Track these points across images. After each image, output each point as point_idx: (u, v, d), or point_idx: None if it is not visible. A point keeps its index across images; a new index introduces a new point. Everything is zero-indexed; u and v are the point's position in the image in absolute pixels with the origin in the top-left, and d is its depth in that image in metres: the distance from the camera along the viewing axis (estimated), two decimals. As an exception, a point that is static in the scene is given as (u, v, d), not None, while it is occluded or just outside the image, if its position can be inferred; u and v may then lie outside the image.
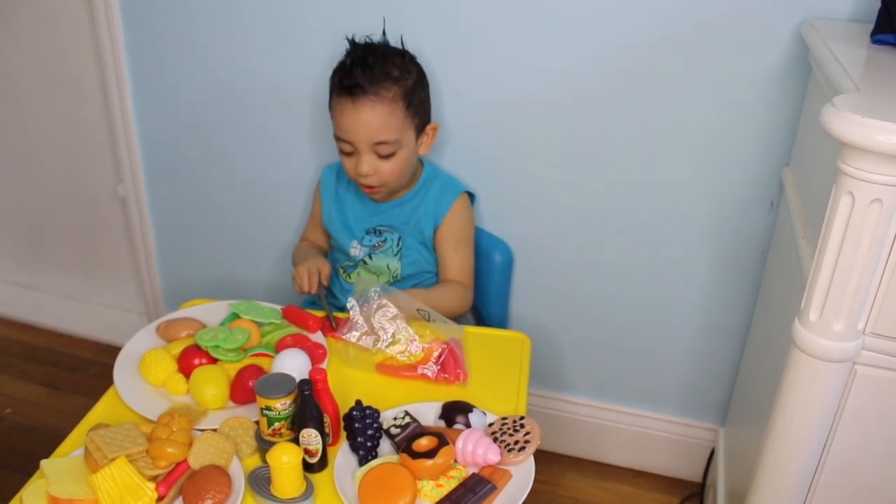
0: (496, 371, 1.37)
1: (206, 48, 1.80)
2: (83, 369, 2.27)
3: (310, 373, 1.17)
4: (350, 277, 1.66)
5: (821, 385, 1.03)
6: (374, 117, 1.45)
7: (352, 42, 1.51)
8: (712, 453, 1.84)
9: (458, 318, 1.51)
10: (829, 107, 0.91)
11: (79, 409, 2.11)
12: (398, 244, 1.60)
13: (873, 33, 1.23)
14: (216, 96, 1.85)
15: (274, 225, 1.95)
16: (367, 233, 1.62)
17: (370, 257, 1.62)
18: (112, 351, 2.32)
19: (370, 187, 1.54)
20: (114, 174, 2.13)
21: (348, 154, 1.51)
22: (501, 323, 1.77)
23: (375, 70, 1.44)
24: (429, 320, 1.37)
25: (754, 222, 1.62)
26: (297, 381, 1.15)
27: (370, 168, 1.49)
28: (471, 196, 1.66)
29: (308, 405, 1.12)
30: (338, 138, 1.51)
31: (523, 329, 1.76)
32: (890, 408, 1.05)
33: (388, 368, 1.34)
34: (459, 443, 1.13)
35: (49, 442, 1.99)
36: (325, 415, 1.14)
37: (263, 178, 1.91)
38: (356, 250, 1.63)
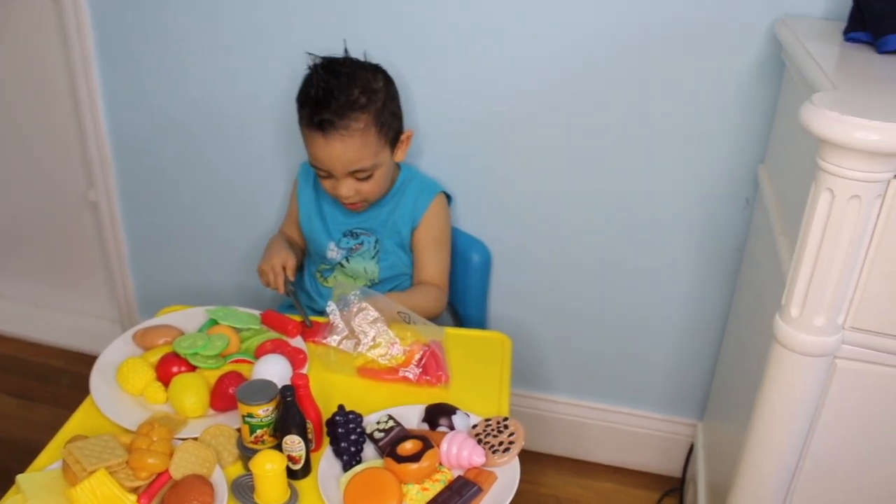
0: (477, 372, 1.36)
1: (177, 51, 1.78)
2: (54, 379, 2.23)
3: (291, 378, 1.16)
4: (327, 281, 1.65)
5: (802, 379, 1.04)
6: (347, 150, 1.43)
7: (314, 68, 1.47)
8: (691, 448, 1.86)
9: (434, 320, 1.51)
10: (808, 104, 0.91)
11: (51, 419, 2.07)
12: (375, 247, 1.59)
13: (846, 31, 1.24)
14: (188, 98, 1.82)
15: (250, 228, 1.93)
16: (345, 235, 1.61)
17: (347, 260, 1.60)
18: (84, 359, 2.29)
19: (352, 203, 1.53)
20: (85, 179, 2.09)
21: (324, 177, 1.50)
22: (480, 323, 1.77)
23: (341, 101, 1.41)
24: (409, 322, 1.36)
25: (730, 219, 1.63)
26: (279, 387, 1.14)
27: (349, 190, 1.49)
28: (448, 197, 1.65)
29: (291, 411, 1.11)
30: (312, 165, 1.50)
31: (502, 329, 1.76)
32: (869, 400, 1.06)
33: (370, 372, 1.33)
34: (444, 445, 1.12)
35: (21, 455, 1.95)
36: (307, 421, 1.13)
37: (238, 180, 1.89)
38: (333, 253, 1.62)
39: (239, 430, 1.18)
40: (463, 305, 1.75)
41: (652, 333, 1.79)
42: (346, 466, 1.13)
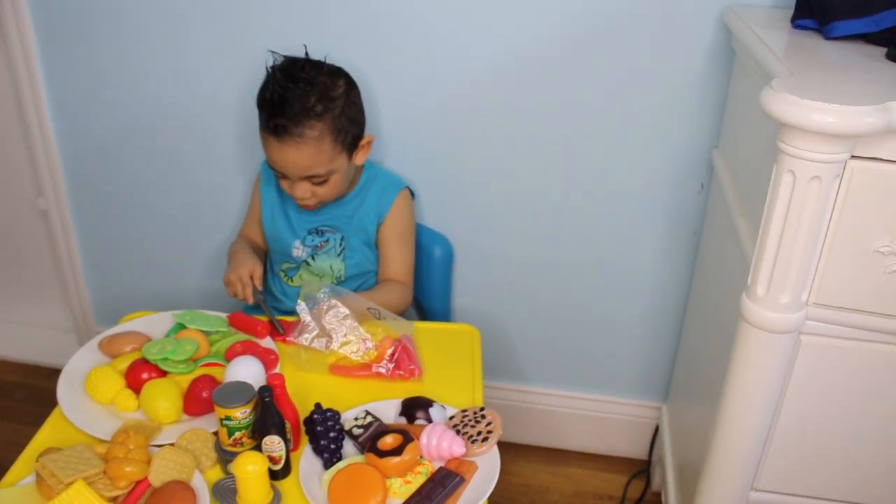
0: (449, 364, 1.38)
1: (129, 47, 1.73)
2: (8, 393, 2.17)
3: (267, 379, 1.16)
4: (292, 281, 1.64)
5: (770, 356, 1.07)
6: (301, 157, 1.43)
7: (272, 70, 1.45)
8: (657, 430, 1.90)
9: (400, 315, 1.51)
10: (768, 90, 0.95)
11: (8, 434, 2.02)
12: (341, 244, 1.59)
13: (793, 18, 1.28)
14: (142, 98, 1.78)
15: (209, 230, 1.90)
16: (310, 233, 1.60)
17: (313, 258, 1.60)
18: (39, 372, 2.23)
19: (306, 204, 1.53)
20: (33, 187, 2.04)
21: (281, 178, 1.51)
22: (444, 316, 1.78)
23: (296, 108, 1.40)
24: (379, 318, 1.36)
25: (686, 204, 1.67)
26: (256, 388, 1.14)
27: (305, 192, 1.49)
28: (412, 194, 1.66)
29: (269, 412, 1.10)
30: (270, 166, 1.50)
31: (467, 321, 1.79)
32: (832, 374, 1.10)
33: (342, 369, 1.33)
34: (424, 438, 1.13)
35: (-20, 473, 1.91)
36: (285, 420, 1.13)
37: (196, 181, 1.86)
38: (299, 251, 1.61)
39: (216, 433, 1.17)
40: (427, 299, 1.76)
41: (615, 320, 1.82)
42: (327, 464, 1.13)
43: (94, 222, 1.98)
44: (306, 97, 1.41)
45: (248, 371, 1.22)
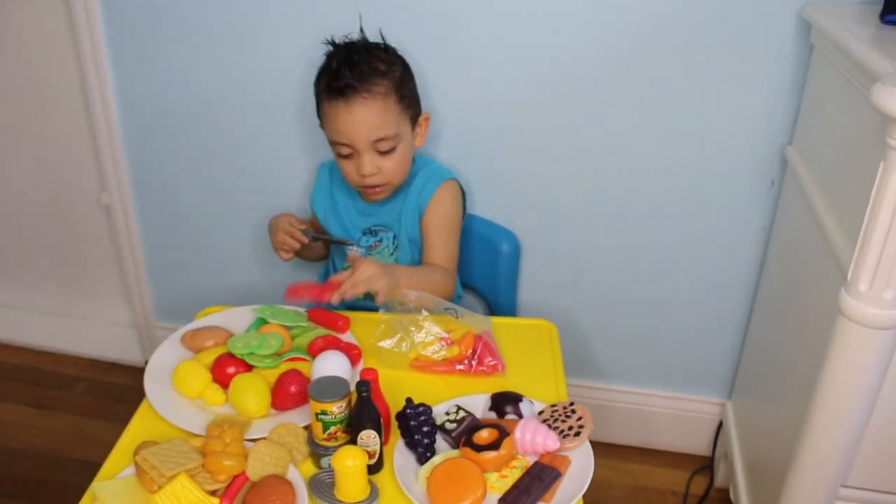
0: (529, 360, 1.38)
1: (193, 46, 1.75)
2: (69, 386, 2.19)
3: (362, 373, 1.16)
4: None
5: (870, 352, 1.07)
6: (371, 115, 1.42)
7: (332, 44, 1.49)
8: (719, 426, 1.90)
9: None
10: (880, 86, 0.94)
11: (70, 427, 2.05)
12: (394, 243, 1.59)
13: (883, 14, 1.27)
14: (205, 95, 1.80)
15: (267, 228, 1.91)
16: (364, 234, 1.61)
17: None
18: (99, 366, 2.26)
19: (373, 187, 1.51)
20: (97, 182, 2.06)
21: (347, 157, 1.48)
22: (511, 312, 1.78)
23: (362, 67, 1.42)
24: (458, 317, 1.36)
25: (755, 200, 1.66)
26: (350, 382, 1.15)
27: (372, 167, 1.47)
28: (462, 190, 1.64)
29: (366, 406, 1.11)
30: (334, 142, 1.48)
31: (527, 316, 1.80)
32: (930, 370, 1.10)
33: (424, 365, 1.34)
34: (517, 432, 1.13)
35: (44, 465, 1.94)
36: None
37: (254, 180, 1.88)
38: (353, 252, 1.61)
39: (307, 427, 1.18)
40: (493, 295, 1.76)
41: (678, 315, 1.82)
42: (422, 458, 1.13)
43: (157, 218, 2.00)
44: (370, 58, 1.44)
45: (336, 365, 1.22)
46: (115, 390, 2.17)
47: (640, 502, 1.84)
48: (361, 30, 1.52)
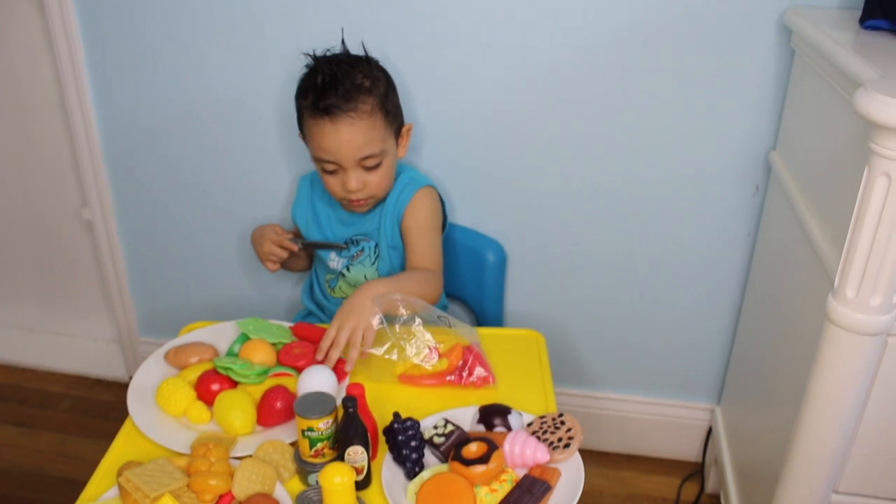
0: (517, 370, 1.37)
1: (172, 58, 1.74)
2: (53, 404, 2.16)
3: (348, 388, 1.15)
4: (335, 291, 1.63)
5: (857, 358, 1.06)
6: (357, 134, 1.41)
7: (315, 58, 1.47)
8: (709, 432, 1.89)
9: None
10: (862, 92, 0.94)
11: (54, 446, 2.02)
12: (375, 252, 1.58)
13: (862, 19, 1.27)
14: (185, 108, 1.78)
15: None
16: (345, 243, 1.60)
17: (348, 269, 1.59)
18: (83, 382, 2.23)
19: (357, 200, 1.51)
20: (78, 197, 2.04)
21: (331, 173, 1.47)
22: (497, 321, 1.77)
23: (347, 85, 1.41)
24: (450, 326, 1.35)
25: (740, 205, 1.66)
26: (335, 398, 1.13)
27: (358, 183, 1.46)
28: (441, 198, 1.62)
29: (353, 422, 1.09)
30: (319, 159, 1.47)
31: (517, 325, 1.79)
32: (917, 375, 1.10)
33: (412, 378, 1.32)
34: (506, 445, 1.13)
35: (30, 485, 1.91)
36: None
37: (237, 192, 1.86)
38: (335, 262, 1.60)
39: (293, 444, 1.17)
40: (479, 305, 1.75)
41: (665, 322, 1.82)
42: (410, 473, 1.12)
43: (140, 232, 1.98)
44: (354, 75, 1.42)
45: (321, 381, 1.21)
46: (99, 407, 2.14)
47: (631, 510, 1.84)
48: (343, 42, 1.51)
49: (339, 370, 1.31)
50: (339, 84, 1.40)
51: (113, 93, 1.81)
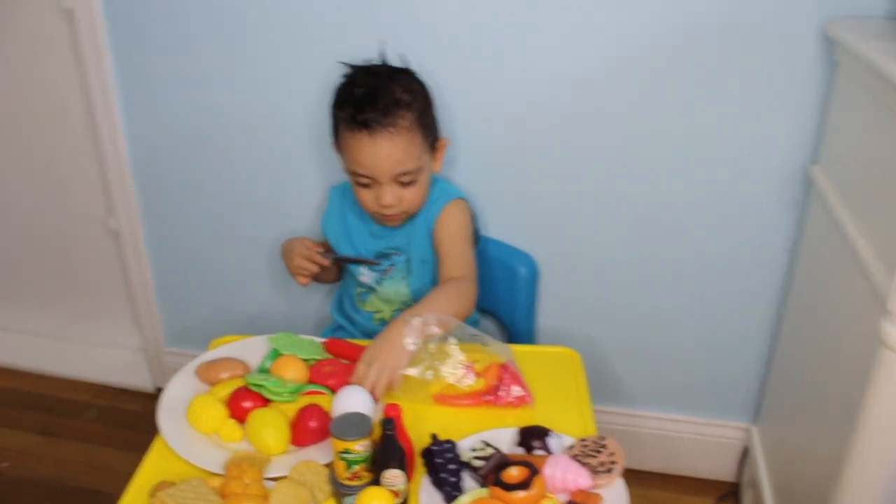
0: (553, 390, 1.33)
1: (200, 67, 1.73)
2: (78, 413, 2.16)
3: (386, 409, 1.12)
4: (365, 305, 1.61)
5: (913, 384, 1.03)
6: (395, 149, 1.39)
7: (354, 68, 1.45)
8: (744, 452, 1.85)
9: (468, 315, 1.43)
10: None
11: (78, 455, 2.01)
12: (406, 267, 1.55)
13: (913, 30, 1.24)
14: (213, 117, 1.77)
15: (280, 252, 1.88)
16: (376, 257, 1.57)
17: (379, 284, 1.57)
18: (108, 391, 2.22)
19: (391, 215, 1.48)
20: (104, 206, 2.02)
21: (365, 186, 1.45)
22: (529, 337, 1.74)
23: (386, 99, 1.38)
24: (485, 344, 1.32)
25: (778, 220, 1.63)
26: (374, 419, 1.11)
27: (393, 198, 1.44)
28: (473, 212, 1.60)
29: (391, 445, 1.07)
30: (353, 172, 1.45)
31: (545, 341, 1.75)
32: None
33: (447, 399, 1.29)
34: (547, 469, 1.09)
35: (53, 495, 1.90)
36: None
37: (268, 202, 1.84)
38: (365, 277, 1.58)
39: (328, 465, 1.14)
40: (511, 320, 1.72)
41: (699, 338, 1.78)
42: (449, 497, 1.09)
43: (166, 242, 1.97)
44: (394, 89, 1.40)
45: (357, 401, 1.19)
46: (124, 417, 2.13)
47: (665, 530, 1.80)
48: (383, 53, 1.49)
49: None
50: (379, 98, 1.37)
51: (141, 101, 1.80)
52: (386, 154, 1.39)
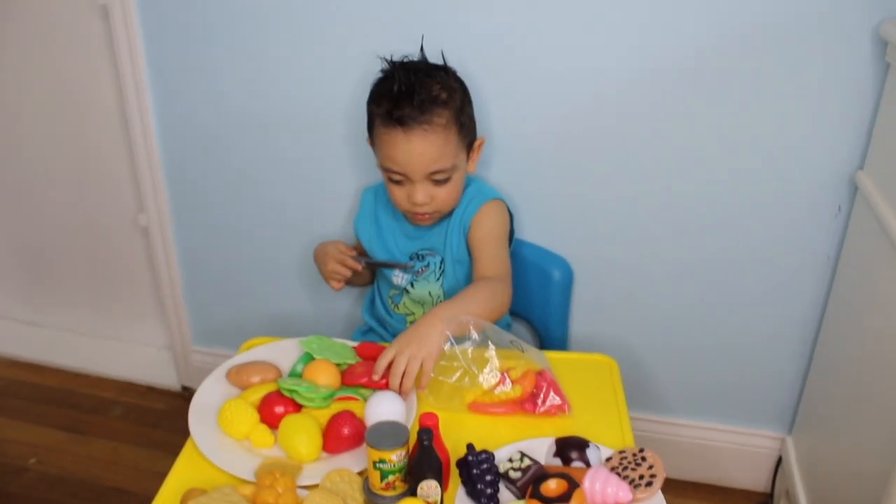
0: (589, 399, 1.30)
1: (232, 68, 1.71)
2: (105, 410, 2.15)
3: (422, 419, 1.10)
4: (398, 308, 1.58)
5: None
6: (430, 147, 1.37)
7: (391, 64, 1.42)
8: (778, 462, 1.81)
9: (501, 316, 1.42)
10: None
11: (106, 454, 2.01)
12: (440, 267, 1.53)
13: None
14: (244, 117, 1.76)
15: (311, 253, 1.86)
16: (410, 258, 1.55)
17: (412, 285, 1.54)
18: (135, 389, 2.22)
19: (423, 214, 1.46)
20: (134, 203, 2.02)
21: (397, 182, 1.43)
22: (562, 343, 1.71)
23: (423, 96, 1.36)
24: (523, 351, 1.30)
25: (820, 227, 1.58)
26: (410, 429, 1.08)
27: (426, 196, 1.41)
28: (510, 211, 1.57)
29: (428, 455, 1.04)
30: (386, 168, 1.42)
31: (578, 347, 1.72)
32: None
33: (482, 407, 1.27)
34: (587, 482, 1.06)
35: (81, 492, 1.90)
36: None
37: (297, 203, 1.83)
38: (399, 279, 1.56)
39: (362, 473, 1.12)
40: (544, 324, 1.69)
41: (736, 345, 1.74)
42: (485, 510, 1.07)
43: (196, 240, 1.95)
44: (431, 86, 1.37)
45: (390, 408, 1.17)
46: (151, 415, 2.12)
47: (698, 541, 1.77)
48: (422, 49, 1.46)
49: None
50: (416, 94, 1.35)
51: (173, 98, 1.79)
52: (420, 151, 1.37)
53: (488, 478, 1.08)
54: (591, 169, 1.63)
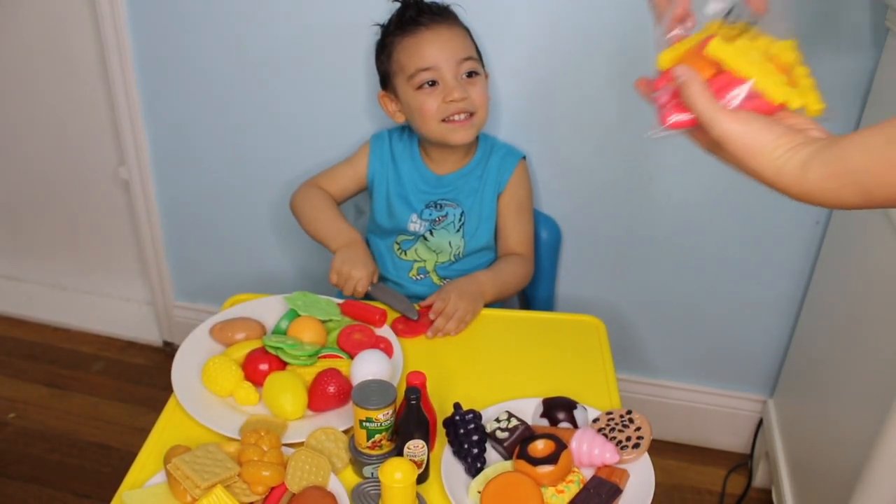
0: (576, 359, 1.30)
1: (216, 18, 1.66)
2: (85, 366, 2.13)
3: (409, 377, 1.09)
4: (406, 254, 1.56)
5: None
6: (456, 36, 1.44)
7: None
8: (758, 424, 1.83)
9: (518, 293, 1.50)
10: None
11: (87, 408, 1.99)
12: (460, 219, 1.52)
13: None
14: (228, 68, 1.71)
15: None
16: (427, 206, 1.53)
17: (431, 233, 1.52)
18: (115, 344, 2.20)
19: (461, 118, 1.43)
20: (115, 155, 1.97)
21: (431, 86, 1.42)
22: (548, 305, 1.71)
23: (440, 5, 1.45)
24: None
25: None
26: (396, 387, 1.07)
27: (462, 90, 1.41)
28: None
29: (416, 414, 1.04)
30: (417, 72, 1.41)
31: (564, 309, 1.72)
32: None
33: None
34: (574, 443, 1.06)
35: (62, 447, 1.89)
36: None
37: (282, 157, 1.79)
38: (416, 225, 1.53)
39: (347, 432, 1.11)
40: (531, 286, 1.67)
41: (721, 310, 1.75)
42: (471, 469, 1.06)
43: (178, 194, 1.92)
44: (442, 8, 1.46)
45: (377, 367, 1.16)
46: (131, 371, 2.11)
47: (677, 501, 1.78)
48: None
49: (388, 351, 1.25)
50: (434, 4, 1.44)
51: (154, 47, 1.74)
52: (447, 38, 1.42)
53: (475, 437, 1.07)
54: (580, 129, 1.60)
